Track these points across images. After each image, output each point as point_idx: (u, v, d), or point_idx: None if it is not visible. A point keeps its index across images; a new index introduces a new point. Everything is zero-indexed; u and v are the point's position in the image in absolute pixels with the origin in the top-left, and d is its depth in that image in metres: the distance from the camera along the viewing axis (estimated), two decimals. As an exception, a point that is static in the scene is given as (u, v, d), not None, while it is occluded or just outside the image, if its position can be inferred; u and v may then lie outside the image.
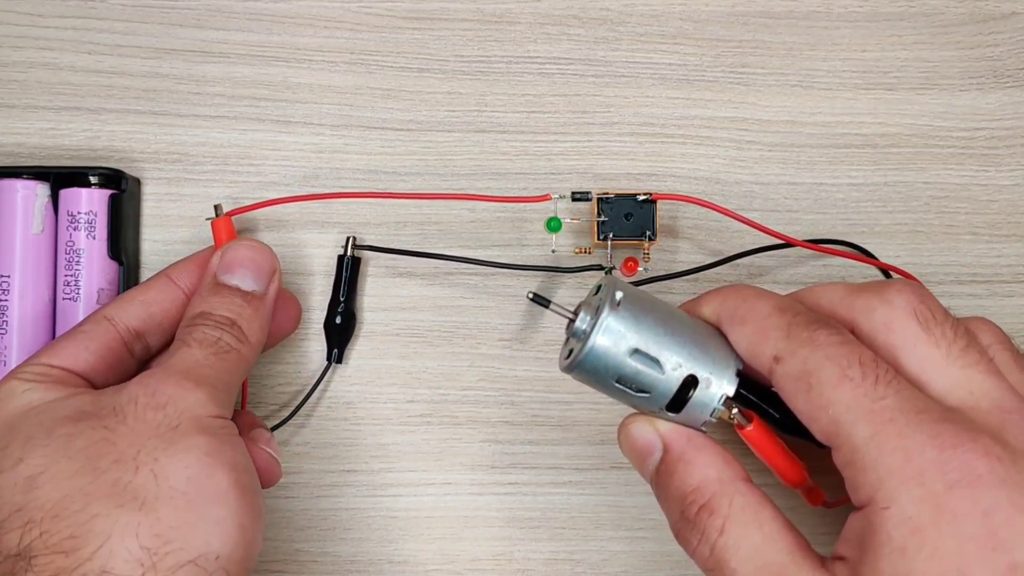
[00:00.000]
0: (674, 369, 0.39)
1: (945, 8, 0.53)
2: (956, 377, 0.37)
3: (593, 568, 0.51)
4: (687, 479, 0.39)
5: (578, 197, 0.50)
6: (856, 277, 0.52)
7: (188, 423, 0.40)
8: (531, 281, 0.52)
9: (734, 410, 0.40)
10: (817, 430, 0.37)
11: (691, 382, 0.39)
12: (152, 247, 0.52)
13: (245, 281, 0.45)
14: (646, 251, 0.50)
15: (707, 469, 0.39)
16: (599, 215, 0.49)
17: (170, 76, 0.52)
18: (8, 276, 0.49)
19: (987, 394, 0.37)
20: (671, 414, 0.40)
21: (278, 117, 0.52)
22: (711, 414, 0.40)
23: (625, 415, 0.42)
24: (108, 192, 0.49)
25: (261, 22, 0.53)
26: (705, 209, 0.50)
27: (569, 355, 0.41)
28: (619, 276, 0.50)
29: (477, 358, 0.52)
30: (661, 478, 0.40)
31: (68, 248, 0.49)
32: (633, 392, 0.40)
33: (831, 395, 0.36)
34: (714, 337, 0.41)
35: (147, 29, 0.53)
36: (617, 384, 0.40)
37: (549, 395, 0.52)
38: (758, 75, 0.53)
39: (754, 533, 0.37)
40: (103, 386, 0.43)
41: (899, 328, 0.38)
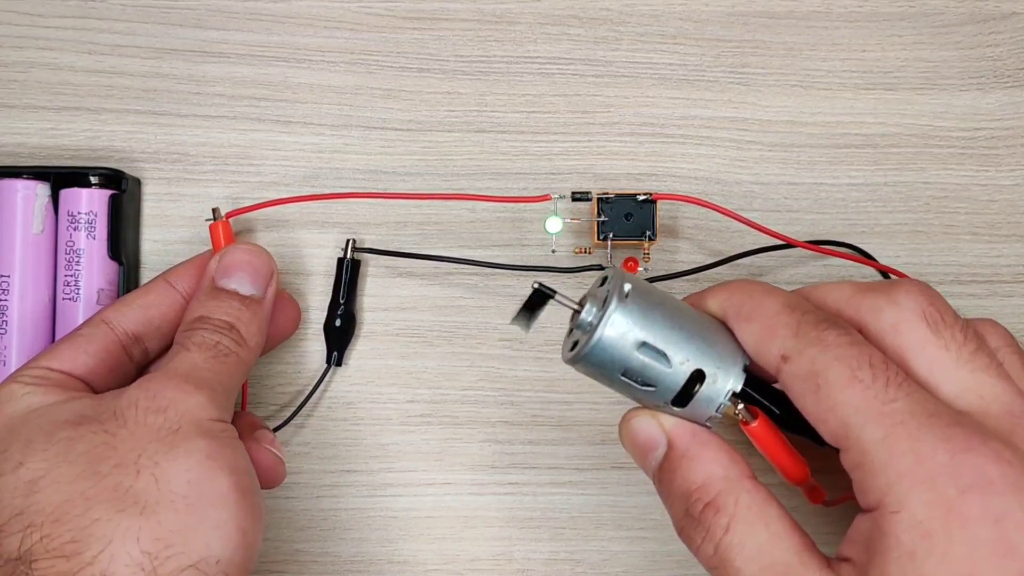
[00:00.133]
0: (681, 363, 0.38)
1: (945, 8, 0.53)
2: (966, 381, 0.37)
3: (593, 568, 0.51)
4: (692, 476, 0.39)
5: (578, 197, 0.50)
6: (856, 277, 0.52)
7: (189, 426, 0.40)
8: (530, 281, 0.52)
9: (740, 406, 0.40)
10: (825, 431, 0.37)
11: (697, 377, 0.39)
12: (152, 247, 0.52)
13: (243, 285, 0.45)
14: (646, 251, 0.50)
15: (712, 466, 0.39)
16: (599, 215, 0.49)
17: (170, 76, 0.52)
18: (8, 276, 0.49)
19: (997, 398, 0.36)
20: (676, 409, 0.39)
21: (278, 117, 0.52)
22: (717, 409, 0.39)
23: (624, 411, 0.41)
24: (108, 192, 0.49)
25: (261, 22, 0.53)
26: (705, 209, 0.50)
27: (574, 347, 0.40)
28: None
29: (477, 358, 0.52)
30: (665, 474, 0.40)
31: (68, 248, 0.49)
32: (638, 386, 0.39)
33: (840, 396, 0.36)
34: (720, 332, 0.40)
35: (147, 29, 0.53)
36: (623, 377, 0.39)
37: (549, 395, 0.52)
38: (758, 75, 0.53)
39: (760, 532, 0.37)
40: (102, 390, 0.43)
41: (908, 330, 0.38)
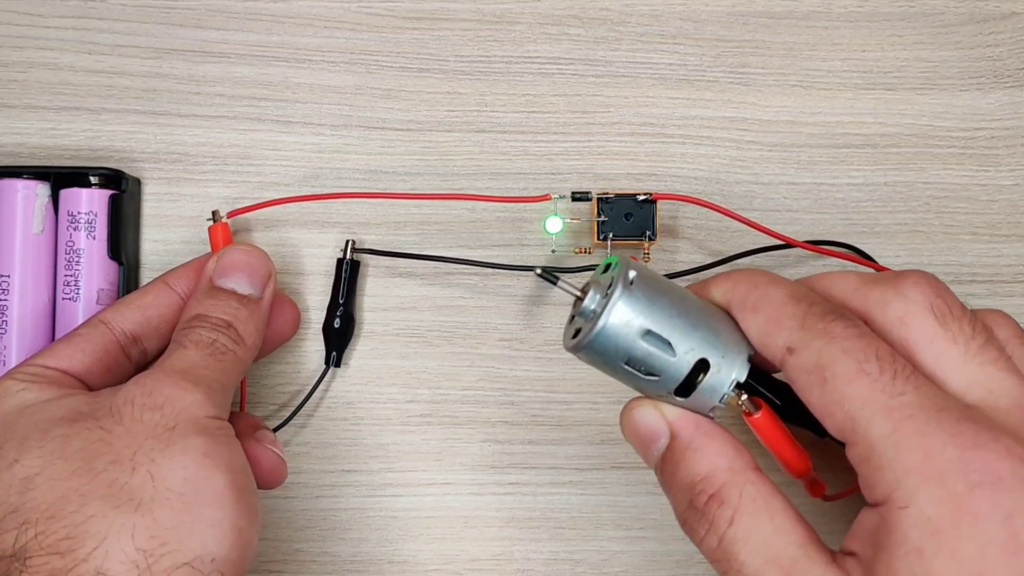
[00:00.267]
0: (686, 352, 0.38)
1: (945, 8, 0.53)
2: (974, 374, 0.36)
3: (593, 568, 0.51)
4: (696, 467, 0.38)
5: (578, 197, 0.50)
6: (856, 277, 0.52)
7: (185, 424, 0.40)
8: (531, 281, 0.52)
9: (743, 397, 0.39)
10: (831, 425, 0.36)
11: (702, 366, 0.38)
12: (152, 247, 0.52)
13: (240, 285, 0.46)
14: (646, 251, 0.50)
15: (717, 457, 0.38)
16: (599, 215, 0.49)
17: (170, 76, 0.52)
18: (8, 276, 0.49)
19: (1007, 392, 0.36)
20: (679, 399, 0.39)
21: (278, 117, 0.52)
22: (720, 400, 0.39)
23: (622, 407, 0.41)
24: (108, 192, 0.49)
25: (261, 22, 0.53)
26: (705, 209, 0.50)
27: (576, 334, 0.39)
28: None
29: (477, 358, 0.52)
30: (667, 465, 0.39)
31: (68, 248, 0.49)
32: (641, 375, 0.38)
33: (847, 390, 0.35)
34: (725, 321, 0.40)
35: (147, 29, 0.53)
36: (626, 366, 0.38)
37: (549, 395, 0.52)
38: (758, 75, 0.53)
39: (764, 524, 0.36)
40: (99, 389, 0.43)
41: (915, 323, 0.37)
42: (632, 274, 0.38)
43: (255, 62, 0.53)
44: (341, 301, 0.51)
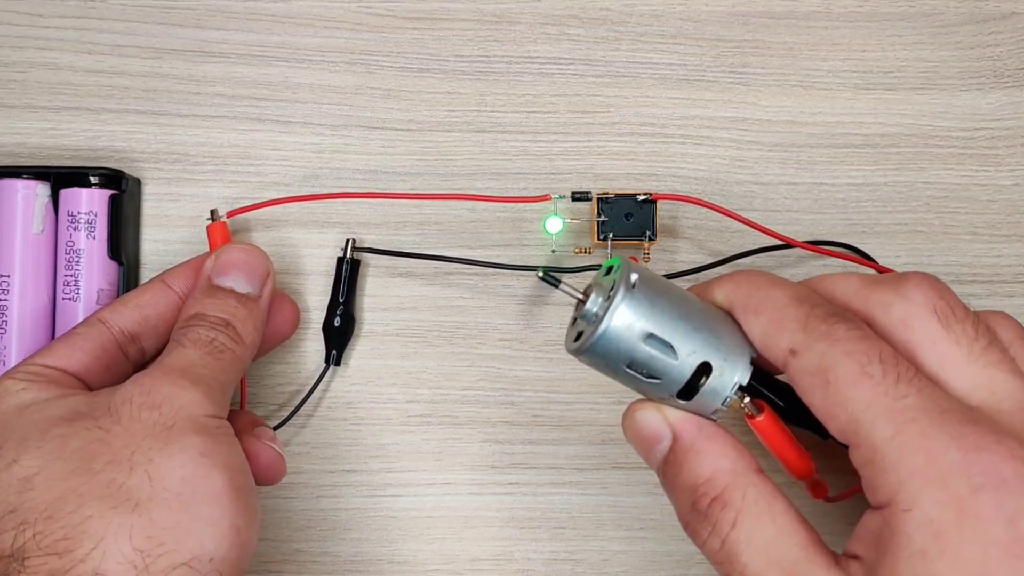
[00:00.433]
0: (688, 355, 0.38)
1: (945, 8, 0.53)
2: (977, 376, 0.36)
3: (593, 568, 0.51)
4: (698, 469, 0.38)
5: (578, 197, 0.50)
6: (856, 277, 0.52)
7: (183, 422, 0.39)
8: (531, 281, 0.52)
9: (746, 399, 0.39)
10: (834, 427, 0.36)
11: (704, 369, 0.38)
12: (152, 247, 0.52)
13: (239, 283, 0.45)
14: (646, 251, 0.50)
15: (719, 460, 0.38)
16: (599, 215, 0.49)
17: (170, 76, 0.52)
18: (8, 276, 0.49)
19: (1010, 394, 0.36)
20: (681, 401, 0.39)
21: (278, 117, 0.52)
22: (723, 402, 0.39)
23: (623, 408, 0.41)
24: (108, 192, 0.49)
25: (261, 22, 0.53)
26: (705, 209, 0.50)
27: (578, 337, 0.39)
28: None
29: (477, 358, 0.52)
30: (670, 468, 0.39)
31: (68, 248, 0.49)
32: (644, 378, 0.38)
33: (850, 392, 0.35)
34: (727, 323, 0.39)
35: (147, 29, 0.53)
36: (628, 369, 0.38)
37: (549, 395, 0.52)
38: (758, 75, 0.53)
39: (767, 526, 0.36)
40: (98, 388, 0.43)
41: (918, 325, 0.37)
42: (634, 277, 0.38)
43: (255, 62, 0.53)
44: (341, 300, 0.51)
